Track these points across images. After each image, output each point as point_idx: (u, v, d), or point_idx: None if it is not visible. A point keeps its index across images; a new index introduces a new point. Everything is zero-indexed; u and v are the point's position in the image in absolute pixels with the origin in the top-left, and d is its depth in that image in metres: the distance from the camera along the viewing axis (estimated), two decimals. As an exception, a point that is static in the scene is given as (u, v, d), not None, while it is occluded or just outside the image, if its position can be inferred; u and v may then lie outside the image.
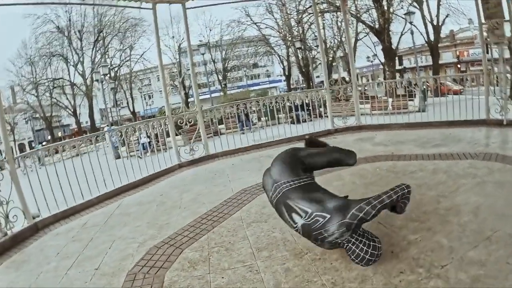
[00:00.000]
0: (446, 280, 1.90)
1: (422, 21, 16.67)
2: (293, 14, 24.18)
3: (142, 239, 3.20)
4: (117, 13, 25.50)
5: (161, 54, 6.07)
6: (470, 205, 2.79)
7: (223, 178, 4.90)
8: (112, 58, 27.06)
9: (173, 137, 6.06)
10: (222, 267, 2.45)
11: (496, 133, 5.19)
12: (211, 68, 31.44)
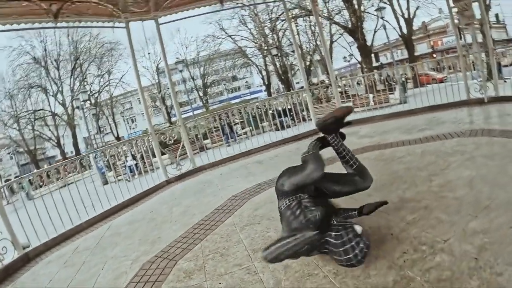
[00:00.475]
0: (451, 253, 1.80)
1: (394, 15, 17.00)
2: (266, 23, 24.24)
3: (134, 256, 3.04)
4: (92, 39, 25.36)
5: (137, 70, 5.96)
6: (463, 179, 2.73)
7: (212, 188, 4.76)
8: (91, 84, 26.64)
9: (158, 153, 5.91)
10: (219, 273, 2.31)
11: (479, 111, 5.21)
12: (191, 86, 31.14)
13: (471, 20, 5.01)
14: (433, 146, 3.91)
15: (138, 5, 5.89)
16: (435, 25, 29.76)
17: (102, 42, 26.38)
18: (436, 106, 6.06)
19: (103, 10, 5.62)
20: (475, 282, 1.54)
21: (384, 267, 1.85)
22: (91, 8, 5.50)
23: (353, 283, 1.80)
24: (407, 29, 16.95)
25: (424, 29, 29.50)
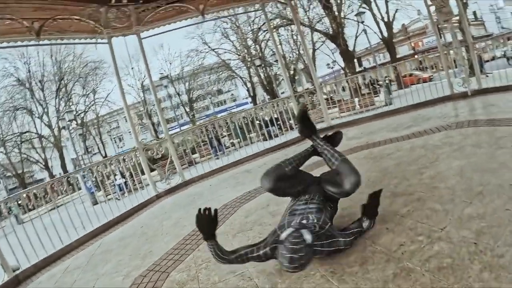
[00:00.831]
0: (449, 240, 1.74)
1: (374, 19, 17.23)
2: (248, 34, 24.27)
3: (126, 271, 2.90)
4: (76, 58, 25.05)
5: (122, 86, 5.86)
6: (453, 169, 2.69)
7: (202, 199, 4.64)
8: (76, 104, 26.20)
9: (146, 168, 5.77)
10: (213, 281, 2.19)
11: (463, 104, 5.25)
12: (177, 101, 30.77)
13: (449, 16, 5.08)
14: (420, 141, 3.90)
15: (120, 21, 5.85)
16: (415, 26, 30.42)
17: (86, 62, 26.11)
18: (421, 104, 6.11)
19: (85, 27, 5.55)
20: (477, 266, 1.48)
21: (382, 261, 1.78)
22: (73, 25, 5.44)
23: (352, 280, 1.71)
24: (388, 32, 17.11)
25: (404, 31, 30.08)
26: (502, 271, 1.40)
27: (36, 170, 30.24)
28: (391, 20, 16.69)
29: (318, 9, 17.79)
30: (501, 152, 2.69)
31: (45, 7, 4.94)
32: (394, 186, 2.77)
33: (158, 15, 6.11)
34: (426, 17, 25.54)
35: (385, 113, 6.61)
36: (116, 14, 5.77)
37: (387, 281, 1.59)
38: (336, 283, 1.73)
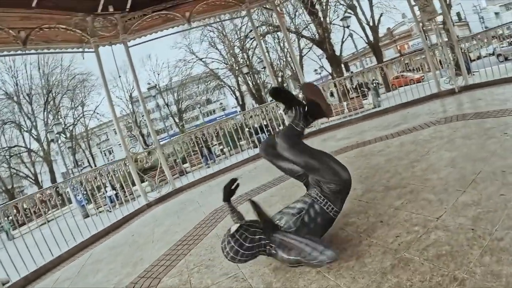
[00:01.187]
0: (446, 229, 1.68)
1: (359, 24, 17.41)
2: (235, 42, 24.16)
3: (117, 280, 2.77)
4: (64, 70, 24.68)
5: (110, 95, 5.76)
6: (445, 160, 2.66)
7: (193, 205, 4.52)
8: (65, 117, 25.69)
9: (136, 177, 5.63)
10: (206, 285, 2.09)
11: (451, 101, 5.26)
12: (166, 112, 30.29)
13: (433, 15, 5.13)
14: (410, 136, 3.88)
15: (106, 29, 5.78)
16: (400, 30, 30.80)
17: (73, 74, 25.69)
18: (409, 103, 6.13)
19: (72, 36, 5.48)
20: (477, 251, 1.42)
21: (379, 253, 1.71)
22: (59, 35, 5.35)
23: (349, 274, 1.63)
24: (374, 37, 17.26)
25: (390, 35, 30.36)
26: (503, 254, 1.34)
27: (26, 185, 29.44)
28: (377, 24, 16.86)
29: (304, 15, 17.96)
30: (491, 142, 2.67)
31: (32, 16, 4.87)
32: (386, 181, 2.71)
33: (144, 23, 6.06)
34: (410, 20, 25.97)
35: (374, 114, 6.61)
36: (102, 23, 5.71)
37: (385, 272, 1.52)
38: (332, 278, 1.65)
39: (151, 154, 6.05)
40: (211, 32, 24.19)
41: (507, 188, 1.85)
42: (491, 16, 31.33)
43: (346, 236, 2.03)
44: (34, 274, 3.97)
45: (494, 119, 3.28)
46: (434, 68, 5.91)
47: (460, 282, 1.27)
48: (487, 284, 1.20)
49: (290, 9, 17.84)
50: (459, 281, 1.28)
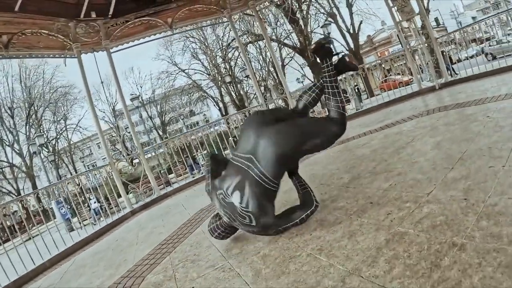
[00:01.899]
0: (438, 201, 1.59)
1: (340, 32, 17.62)
2: (218, 52, 23.85)
3: (99, 281, 2.57)
4: (46, 83, 23.88)
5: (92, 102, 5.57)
6: (430, 145, 2.61)
7: (179, 208, 4.34)
8: (47, 131, 24.65)
9: (119, 182, 5.41)
10: (191, 278, 1.93)
11: (432, 96, 5.30)
12: (150, 125, 29.43)
13: (410, 15, 5.21)
14: (394, 129, 3.85)
15: (89, 35, 5.64)
16: (380, 37, 31.30)
17: (55, 87, 24.83)
18: (391, 101, 6.16)
19: (54, 42, 5.33)
20: (472, 217, 1.33)
21: (371, 231, 1.60)
22: (42, 41, 5.20)
23: (342, 253, 1.52)
24: (354, 44, 17.46)
25: (370, 42, 30.78)
26: (500, 216, 1.26)
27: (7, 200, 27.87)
28: (357, 32, 17.13)
29: (286, 25, 18.10)
30: (475, 125, 2.64)
31: (14, 21, 4.71)
32: (373, 168, 2.64)
33: (127, 29, 5.95)
34: (390, 27, 26.55)
35: (357, 113, 6.63)
36: (85, 29, 5.57)
37: (380, 247, 1.41)
38: (325, 259, 1.53)
39: (135, 167, 5.84)
40: (193, 44, 24.05)
41: (496, 161, 1.80)
42: (468, 21, 32.45)
43: (336, 219, 1.92)
44: (15, 284, 3.71)
45: (475, 106, 3.28)
46: (414, 67, 5.98)
47: (460, 247, 1.18)
48: (489, 245, 1.11)
49: (271, 18, 17.99)
50: (458, 246, 1.18)
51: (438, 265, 1.12)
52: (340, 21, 16.91)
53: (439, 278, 1.05)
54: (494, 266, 1.00)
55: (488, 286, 0.93)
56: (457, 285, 0.99)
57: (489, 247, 1.10)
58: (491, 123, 2.49)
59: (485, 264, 1.03)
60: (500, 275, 0.95)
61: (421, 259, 1.19)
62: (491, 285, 0.93)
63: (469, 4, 36.88)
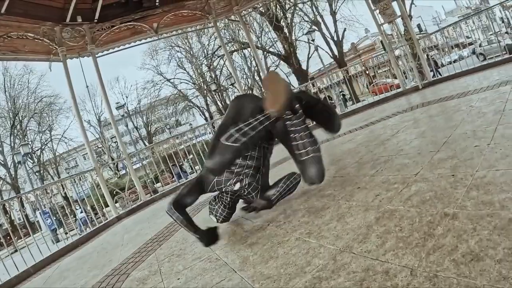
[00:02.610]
0: (426, 180, 1.55)
1: (324, 40, 17.75)
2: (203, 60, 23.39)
3: (83, 281, 2.41)
4: (31, 93, 23.17)
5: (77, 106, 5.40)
6: (415, 134, 2.59)
7: (164, 212, 4.20)
8: (32, 141, 23.64)
9: (104, 186, 5.22)
10: (177, 270, 1.81)
11: (416, 95, 5.32)
12: (136, 136, 28.46)
13: (392, 18, 5.29)
14: (379, 125, 3.85)
15: (74, 40, 5.50)
16: (363, 44, 31.62)
17: (40, 97, 24.00)
18: (375, 102, 6.21)
19: (40, 47, 5.18)
20: (462, 190, 1.28)
21: (360, 211, 1.54)
22: (27, 45, 5.06)
23: (332, 234, 1.44)
24: (338, 51, 17.67)
25: (354, 49, 31.04)
26: (490, 186, 1.21)
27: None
28: (341, 39, 17.34)
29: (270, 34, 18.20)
30: (458, 114, 2.64)
31: (0, 24, 4.55)
32: (359, 158, 2.60)
33: (113, 34, 5.85)
34: (374, 35, 26.96)
35: (341, 115, 6.64)
36: (70, 33, 5.45)
37: (370, 225, 1.34)
38: (314, 241, 1.45)
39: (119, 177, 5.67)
40: (179, 53, 23.81)
41: (481, 141, 1.77)
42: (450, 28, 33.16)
43: (324, 205, 1.85)
44: (-2, 290, 3.47)
45: (458, 99, 3.30)
46: (397, 68, 6.05)
47: (452, 216, 1.12)
48: (481, 212, 1.06)
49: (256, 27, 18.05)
50: (450, 215, 1.13)
51: (431, 234, 1.06)
52: (324, 29, 17.16)
53: (434, 246, 0.99)
54: (489, 229, 0.95)
55: (485, 247, 0.87)
56: (454, 250, 0.92)
57: (482, 213, 1.05)
58: (474, 111, 2.49)
59: (480, 229, 0.97)
60: (497, 236, 0.90)
61: (413, 231, 1.13)
62: (489, 246, 0.87)
63: (451, 11, 37.84)
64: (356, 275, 1.01)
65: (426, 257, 0.95)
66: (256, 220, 2.12)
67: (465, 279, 0.79)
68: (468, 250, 0.90)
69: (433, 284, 0.82)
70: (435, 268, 0.88)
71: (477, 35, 7.58)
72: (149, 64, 24.72)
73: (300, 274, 1.20)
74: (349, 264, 1.10)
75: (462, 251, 0.90)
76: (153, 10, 5.93)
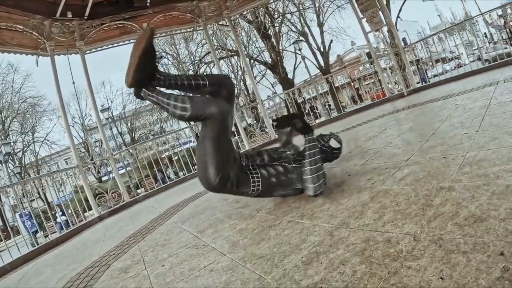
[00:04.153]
0: (418, 163, 1.53)
1: (311, 51, 17.98)
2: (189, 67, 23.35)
3: (62, 275, 2.25)
4: (15, 93, 22.26)
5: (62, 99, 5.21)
6: (403, 129, 2.61)
7: (148, 210, 4.04)
8: (14, 142, 22.52)
9: (86, 183, 5.02)
10: (161, 258, 1.71)
11: (401, 101, 5.38)
12: (120, 142, 28.07)
13: (379, 26, 5.41)
14: (366, 126, 3.86)
15: (63, 35, 5.35)
16: (349, 56, 32.19)
17: (24, 97, 22.99)
18: (361, 108, 6.29)
19: (28, 41, 5.01)
20: (455, 168, 1.26)
21: (354, 193, 1.50)
22: (16, 37, 4.87)
23: (325, 214, 1.39)
24: (325, 62, 17.90)
25: (340, 61, 31.48)
26: (482, 162, 1.20)
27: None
28: (327, 50, 17.63)
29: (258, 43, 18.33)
30: (444, 111, 2.68)
31: None
32: (348, 153, 2.57)
33: (102, 32, 5.73)
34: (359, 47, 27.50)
35: (326, 121, 6.70)
36: (60, 28, 5.30)
37: (365, 204, 1.30)
38: (308, 221, 1.39)
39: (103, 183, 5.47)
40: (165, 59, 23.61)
41: (468, 129, 1.78)
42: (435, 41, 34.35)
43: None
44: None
45: (443, 100, 3.34)
46: (382, 76, 6.16)
47: (448, 188, 1.09)
48: (477, 183, 1.04)
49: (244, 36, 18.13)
50: (446, 188, 1.10)
51: (430, 205, 1.02)
52: (311, 40, 17.41)
53: (433, 214, 0.95)
54: (487, 195, 0.92)
55: (487, 210, 0.84)
56: (455, 215, 0.89)
57: (478, 184, 1.03)
58: (460, 108, 2.52)
59: (478, 196, 0.94)
60: (496, 200, 0.87)
61: (410, 204, 1.09)
62: (490, 209, 0.84)
63: (435, 26, 39.09)
64: (356, 246, 0.96)
65: (427, 224, 0.91)
66: (244, 209, 2.05)
67: (472, 238, 0.75)
68: (470, 214, 0.86)
69: (439, 245, 0.77)
70: (439, 232, 0.84)
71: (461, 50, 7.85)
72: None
73: (295, 251, 1.13)
74: (347, 237, 1.05)
75: (463, 215, 0.87)
76: (144, 10, 5.86)
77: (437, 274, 0.67)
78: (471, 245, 0.73)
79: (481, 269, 0.64)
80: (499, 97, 2.34)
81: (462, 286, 0.62)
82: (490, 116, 1.89)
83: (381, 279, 0.73)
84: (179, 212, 2.90)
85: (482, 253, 0.69)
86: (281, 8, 16.95)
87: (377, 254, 0.85)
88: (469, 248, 0.72)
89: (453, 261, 0.70)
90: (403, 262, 0.77)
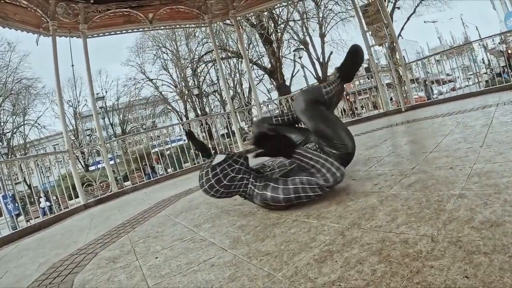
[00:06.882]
0: (424, 172, 1.54)
1: (310, 60, 18.17)
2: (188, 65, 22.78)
3: (44, 260, 2.16)
4: (10, 72, 21.61)
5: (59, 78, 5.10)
6: (403, 141, 2.65)
7: (137, 202, 3.95)
8: (4, 123, 22.06)
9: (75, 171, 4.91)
10: (154, 250, 1.66)
11: (399, 116, 5.44)
12: (110, 133, 27.72)
13: (384, 40, 5.51)
14: (364, 136, 3.88)
15: (67, 17, 5.27)
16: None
17: (19, 78, 22.42)
18: (358, 120, 6.35)
19: (31, 18, 4.95)
20: (463, 177, 1.28)
21: (360, 196, 1.49)
22: (18, 13, 4.79)
23: (333, 215, 1.38)
24: (323, 73, 17.98)
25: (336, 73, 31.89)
26: (491, 173, 1.22)
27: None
28: (327, 61, 17.85)
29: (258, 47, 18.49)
30: (445, 127, 2.72)
31: None
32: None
33: (106, 18, 5.66)
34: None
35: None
36: (65, 9, 5.23)
37: (375, 206, 1.30)
38: (315, 221, 1.38)
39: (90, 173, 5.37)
40: (165, 54, 23.41)
41: (472, 144, 1.81)
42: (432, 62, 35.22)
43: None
44: None
45: (443, 117, 3.40)
46: (382, 89, 6.25)
47: (459, 195, 1.10)
48: (488, 191, 1.05)
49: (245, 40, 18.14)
50: (457, 195, 1.11)
51: (443, 209, 1.03)
52: (311, 49, 17.61)
53: (448, 218, 0.96)
54: (500, 203, 0.94)
55: (501, 216, 0.86)
56: (470, 220, 0.90)
57: (489, 192, 1.05)
58: (461, 125, 2.57)
59: (491, 203, 0.97)
60: (510, 208, 0.89)
61: (423, 208, 1.10)
62: (505, 215, 0.86)
63: (434, 48, 40.17)
64: (372, 246, 0.95)
65: (443, 226, 0.91)
66: (243, 206, 2.03)
67: (490, 240, 0.76)
68: (485, 219, 0.88)
69: (459, 247, 0.78)
70: (456, 235, 0.84)
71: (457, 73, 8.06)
72: (134, 61, 24.01)
73: (305, 249, 1.12)
74: (361, 237, 1.04)
75: (479, 220, 0.88)
76: (151, 1, 5.83)
77: (462, 273, 0.68)
78: (491, 247, 0.74)
79: (504, 268, 0.65)
80: (500, 117, 2.40)
81: (488, 284, 0.62)
82: (493, 133, 1.93)
83: (404, 278, 0.73)
84: (172, 206, 2.85)
85: (503, 254, 0.70)
86: (286, 14, 17.11)
87: (396, 254, 0.85)
88: (489, 250, 0.73)
89: (475, 261, 0.70)
90: (424, 262, 0.76)
